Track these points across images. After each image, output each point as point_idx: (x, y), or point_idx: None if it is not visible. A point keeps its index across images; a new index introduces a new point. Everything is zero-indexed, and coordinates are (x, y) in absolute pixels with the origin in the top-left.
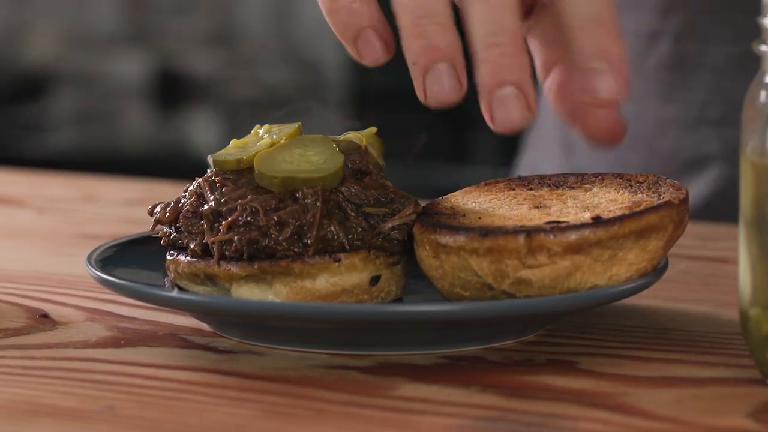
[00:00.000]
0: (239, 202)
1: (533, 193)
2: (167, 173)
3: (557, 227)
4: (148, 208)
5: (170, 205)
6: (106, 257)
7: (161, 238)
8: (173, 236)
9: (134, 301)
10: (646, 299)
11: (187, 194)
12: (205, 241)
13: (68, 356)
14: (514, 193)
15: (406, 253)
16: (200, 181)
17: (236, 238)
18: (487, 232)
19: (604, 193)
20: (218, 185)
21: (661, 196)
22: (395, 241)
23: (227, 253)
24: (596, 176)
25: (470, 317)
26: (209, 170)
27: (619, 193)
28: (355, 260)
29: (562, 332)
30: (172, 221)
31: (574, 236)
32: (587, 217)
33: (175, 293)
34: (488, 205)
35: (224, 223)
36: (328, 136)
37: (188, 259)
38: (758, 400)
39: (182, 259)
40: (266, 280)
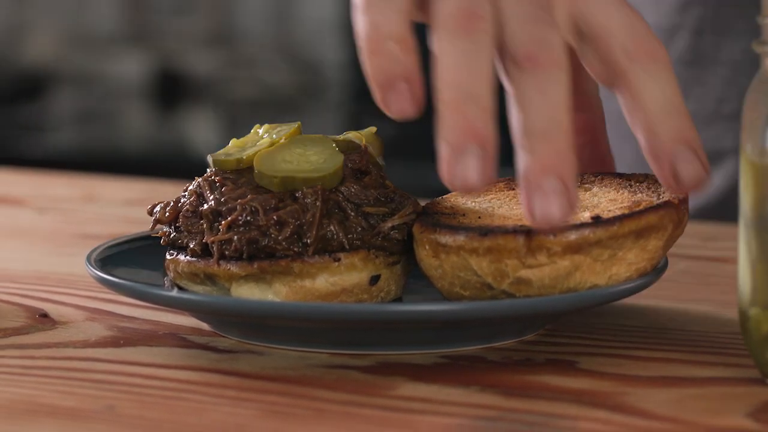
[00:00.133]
0: (239, 201)
1: None
2: (167, 173)
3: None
4: (147, 207)
5: (170, 204)
6: (105, 257)
7: (161, 237)
8: (173, 236)
9: (134, 300)
10: (645, 299)
11: (186, 194)
12: (204, 240)
13: (68, 356)
14: (513, 192)
15: (405, 252)
16: (200, 180)
17: (236, 237)
18: (486, 231)
19: (603, 192)
20: (218, 185)
21: (660, 195)
22: (395, 240)
23: (227, 252)
24: (596, 176)
25: (470, 317)
26: (209, 170)
27: (618, 192)
28: (354, 260)
29: (562, 332)
30: (171, 221)
31: (573, 236)
32: (587, 216)
33: (174, 293)
34: (488, 204)
35: (224, 222)
36: (327, 135)
37: (188, 258)
38: (758, 400)
39: (182, 258)
40: (266, 279)
